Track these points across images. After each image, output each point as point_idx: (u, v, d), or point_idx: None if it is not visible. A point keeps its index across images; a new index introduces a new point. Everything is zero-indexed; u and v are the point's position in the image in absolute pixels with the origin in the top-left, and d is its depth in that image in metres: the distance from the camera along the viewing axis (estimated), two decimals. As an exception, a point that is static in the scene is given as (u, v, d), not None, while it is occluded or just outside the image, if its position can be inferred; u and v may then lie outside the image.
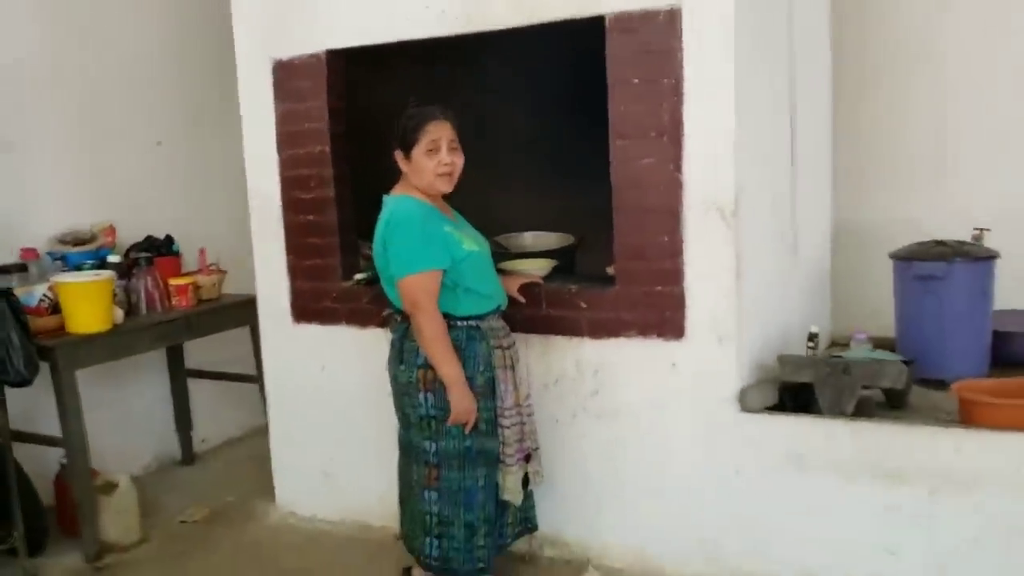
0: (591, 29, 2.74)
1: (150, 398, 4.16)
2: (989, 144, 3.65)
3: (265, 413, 3.75)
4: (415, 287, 2.55)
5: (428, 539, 2.71)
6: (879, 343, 3.16)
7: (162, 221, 4.00)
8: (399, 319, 2.73)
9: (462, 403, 2.58)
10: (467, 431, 2.63)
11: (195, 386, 4.28)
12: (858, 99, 3.75)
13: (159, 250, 3.76)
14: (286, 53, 3.30)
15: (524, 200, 3.80)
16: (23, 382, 3.00)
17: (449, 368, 2.56)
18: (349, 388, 3.36)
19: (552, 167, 3.82)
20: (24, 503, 3.13)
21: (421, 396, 2.64)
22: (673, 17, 2.63)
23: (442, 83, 3.53)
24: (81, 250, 3.56)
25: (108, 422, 3.73)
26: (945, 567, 2.52)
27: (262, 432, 4.19)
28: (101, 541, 3.26)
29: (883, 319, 3.30)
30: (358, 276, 3.34)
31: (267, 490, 3.68)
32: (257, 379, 3.88)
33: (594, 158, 3.02)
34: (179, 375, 4.19)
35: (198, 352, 4.25)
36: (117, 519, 3.32)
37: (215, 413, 4.42)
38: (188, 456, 4.26)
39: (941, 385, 2.92)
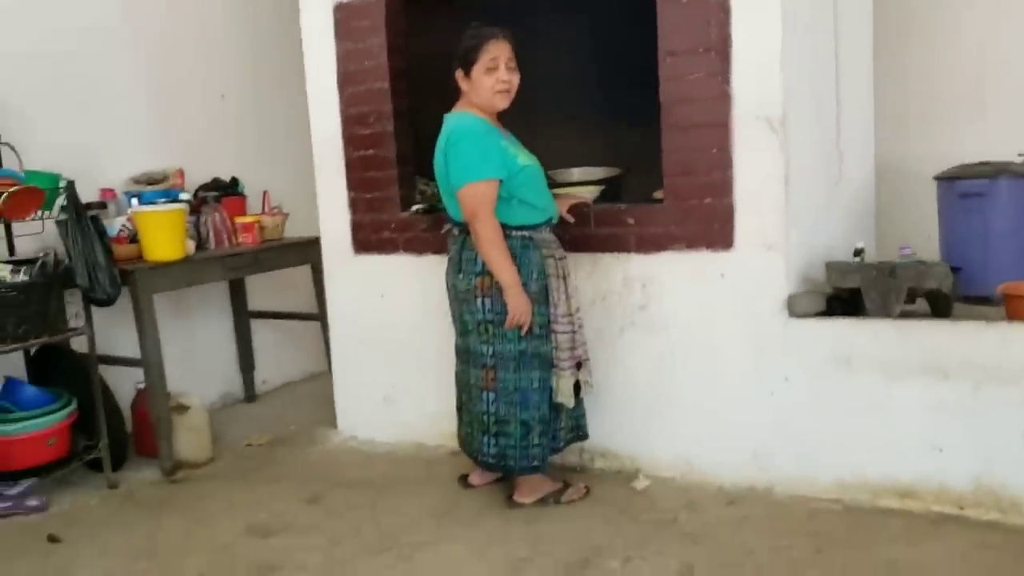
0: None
1: (215, 340, 4.36)
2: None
3: (326, 354, 3.93)
4: (474, 195, 2.69)
5: (486, 438, 2.85)
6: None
7: (227, 169, 4.20)
8: (457, 232, 2.88)
9: (518, 304, 2.71)
10: (523, 333, 2.77)
11: (257, 331, 4.49)
12: (899, 34, 3.79)
13: (225, 190, 3.96)
14: (346, -5, 3.48)
15: (570, 141, 3.92)
16: (108, 300, 3.21)
17: (505, 271, 2.70)
18: (407, 314, 3.52)
19: (597, 108, 3.93)
20: (108, 418, 3.33)
21: (479, 302, 2.79)
22: (719, -64, 2.74)
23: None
24: (154, 189, 3.77)
25: (175, 363, 3.92)
26: (992, 461, 2.59)
27: (321, 376, 4.41)
28: (175, 458, 3.46)
29: (926, 251, 3.34)
30: (415, 207, 3.49)
31: (328, 422, 3.86)
32: (318, 317, 4.07)
33: (638, 98, 3.14)
34: (242, 317, 4.40)
35: (260, 298, 4.46)
36: (190, 438, 3.51)
37: (276, 356, 4.63)
38: (251, 395, 4.46)
39: (985, 301, 2.97)
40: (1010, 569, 2.34)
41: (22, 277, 3.10)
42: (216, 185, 3.97)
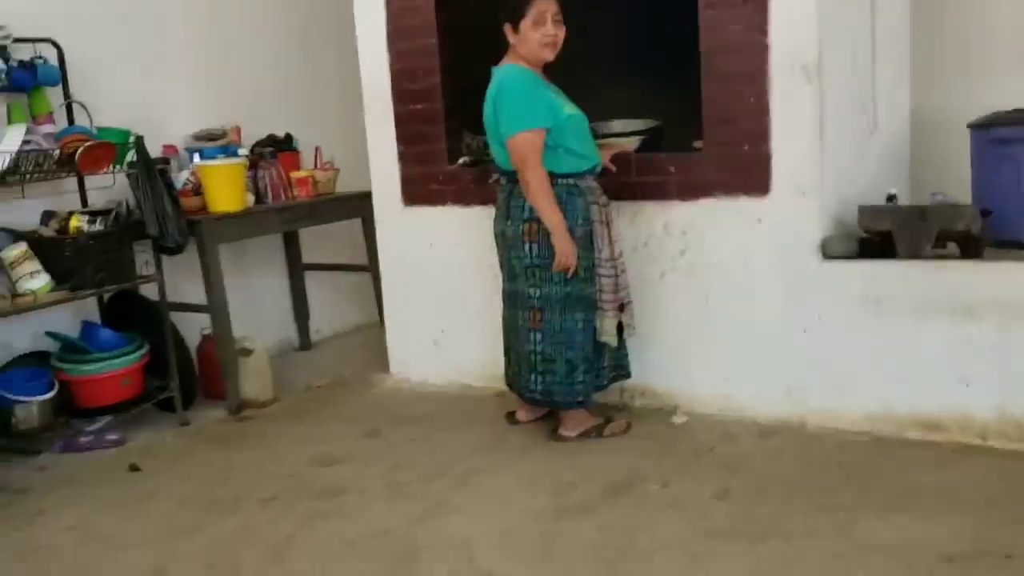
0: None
1: (271, 292, 4.58)
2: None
3: (377, 304, 4.12)
4: (523, 143, 2.84)
5: (533, 375, 3.03)
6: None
7: (280, 126, 4.37)
8: (504, 181, 3.04)
9: (564, 247, 2.87)
10: (568, 276, 2.93)
11: (311, 282, 4.71)
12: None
13: (280, 147, 4.15)
14: (396, -47, 3.61)
15: (609, 95, 4.02)
16: (177, 248, 3.43)
17: (552, 215, 2.86)
18: (454, 262, 3.70)
19: (637, 65, 4.03)
20: (178, 360, 3.58)
21: (526, 247, 2.96)
22: None
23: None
24: (213, 145, 3.96)
25: (235, 313, 4.11)
26: (1015, 393, 2.71)
27: (369, 327, 4.61)
28: (241, 398, 3.70)
29: (959, 199, 3.42)
30: (461, 159, 3.65)
31: (380, 368, 4.07)
32: (369, 268, 4.26)
33: (677, 55, 3.24)
34: (297, 270, 4.61)
35: (313, 252, 4.67)
36: (254, 379, 3.75)
37: (328, 308, 4.85)
38: (305, 343, 4.70)
39: (1018, 246, 3.06)
40: (1029, 491, 2.49)
41: (98, 227, 3.33)
42: (272, 141, 4.15)
